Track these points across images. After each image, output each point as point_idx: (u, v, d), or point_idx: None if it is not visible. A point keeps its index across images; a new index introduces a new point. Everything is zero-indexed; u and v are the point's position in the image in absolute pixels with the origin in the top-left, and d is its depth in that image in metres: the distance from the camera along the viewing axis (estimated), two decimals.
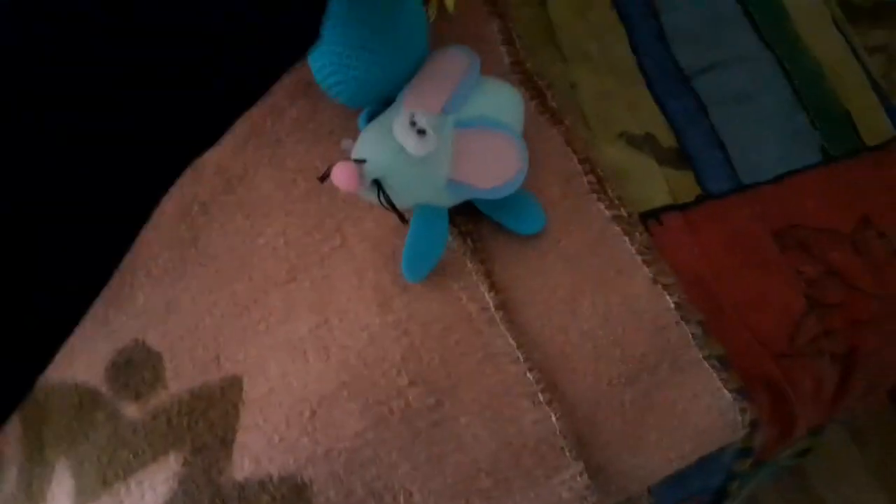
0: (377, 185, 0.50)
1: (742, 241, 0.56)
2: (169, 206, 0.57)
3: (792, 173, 0.57)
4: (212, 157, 0.58)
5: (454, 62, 0.52)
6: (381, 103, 0.54)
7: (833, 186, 0.57)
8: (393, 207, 0.49)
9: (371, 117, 0.54)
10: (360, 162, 0.49)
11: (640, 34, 0.61)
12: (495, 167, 0.51)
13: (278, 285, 0.55)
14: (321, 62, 0.52)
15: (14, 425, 0.56)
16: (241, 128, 0.58)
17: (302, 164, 0.58)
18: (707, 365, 0.54)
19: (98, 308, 0.56)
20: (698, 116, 0.59)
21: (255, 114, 0.58)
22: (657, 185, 0.58)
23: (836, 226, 0.56)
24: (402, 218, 0.50)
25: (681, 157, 0.59)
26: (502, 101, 0.53)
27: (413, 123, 0.48)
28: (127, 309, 0.56)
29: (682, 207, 0.58)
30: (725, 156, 0.58)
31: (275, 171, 0.58)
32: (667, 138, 0.59)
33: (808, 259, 0.56)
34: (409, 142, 0.48)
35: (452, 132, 0.50)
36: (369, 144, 0.50)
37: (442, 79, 0.51)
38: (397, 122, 0.49)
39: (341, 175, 0.48)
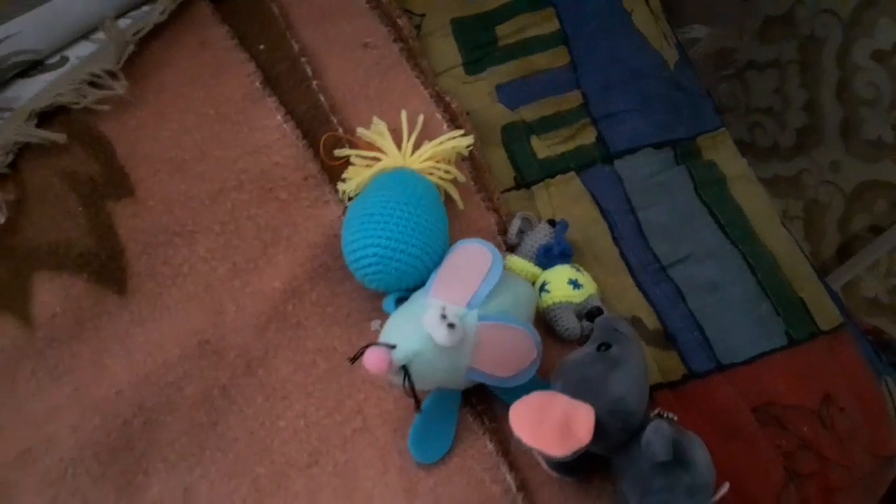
0: (404, 369, 0.53)
1: (726, 418, 0.62)
2: (189, 389, 0.58)
3: (763, 355, 0.65)
4: (234, 341, 0.60)
5: (477, 257, 0.57)
6: (409, 290, 0.58)
7: (798, 367, 0.65)
8: (413, 392, 0.52)
9: (398, 302, 0.58)
10: (391, 347, 0.52)
11: (620, 228, 0.70)
12: (512, 358, 0.56)
13: (301, 470, 0.56)
14: (364, 253, 0.57)
15: None
16: (262, 311, 0.61)
17: (321, 346, 0.61)
18: None
19: (108, 498, 0.55)
20: (677, 302, 0.67)
21: (276, 297, 0.61)
22: (648, 365, 0.64)
23: (804, 403, 0.63)
24: (418, 404, 0.53)
25: (665, 339, 0.65)
26: (520, 295, 0.58)
27: (444, 316, 0.53)
28: (140, 499, 0.55)
29: (670, 385, 0.63)
30: (705, 338, 0.65)
31: (294, 353, 0.60)
32: (651, 321, 0.66)
33: (783, 433, 0.62)
34: (440, 333, 0.52)
35: (476, 325, 0.54)
36: (399, 331, 0.54)
37: (467, 273, 0.56)
38: (428, 314, 0.53)
39: (373, 358, 0.51)
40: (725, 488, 0.52)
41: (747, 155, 1.58)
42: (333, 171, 0.65)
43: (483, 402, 0.59)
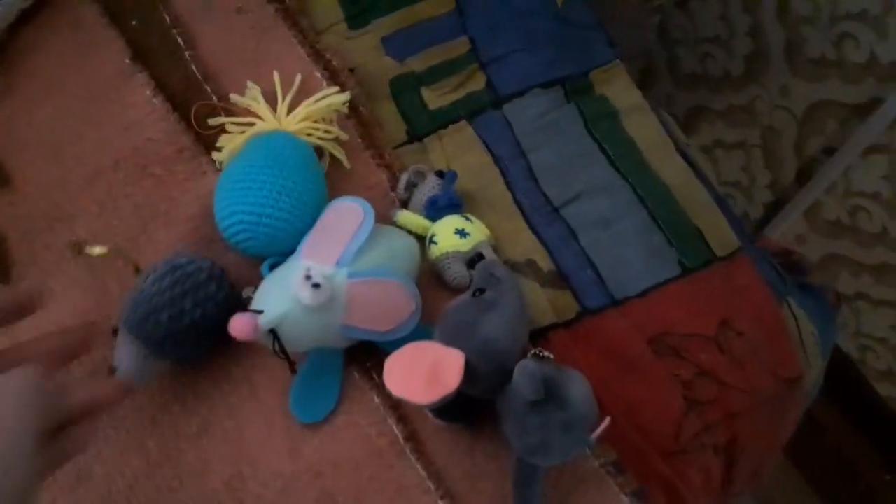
0: (273, 333, 0.53)
1: (621, 351, 0.62)
2: (77, 371, 0.58)
3: (656, 287, 0.64)
4: None
5: (349, 215, 0.56)
6: (285, 254, 0.58)
7: (693, 295, 0.64)
8: (285, 355, 0.53)
9: (272, 267, 0.57)
10: (258, 312, 0.53)
11: (512, 173, 0.69)
12: (388, 312, 0.55)
13: (190, 439, 0.57)
14: (231, 221, 0.56)
15: None
16: None
17: None
18: (604, 472, 0.58)
19: None
20: (570, 241, 0.66)
21: None
22: (542, 306, 0.64)
23: (700, 330, 0.63)
24: (292, 366, 0.54)
25: (559, 279, 0.65)
26: (396, 249, 0.58)
27: (308, 277, 0.53)
28: None
29: (565, 325, 0.63)
30: (597, 275, 0.65)
31: None
32: (545, 262, 0.66)
33: (680, 362, 0.62)
34: (304, 294, 0.52)
35: (346, 283, 0.54)
36: (267, 296, 0.54)
37: (337, 232, 0.56)
38: (293, 276, 0.53)
39: (238, 325, 0.51)
40: (606, 423, 0.52)
41: (701, 87, 1.56)
42: (210, 141, 0.64)
43: (371, 358, 0.59)
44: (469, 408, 0.56)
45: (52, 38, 0.68)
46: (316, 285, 0.52)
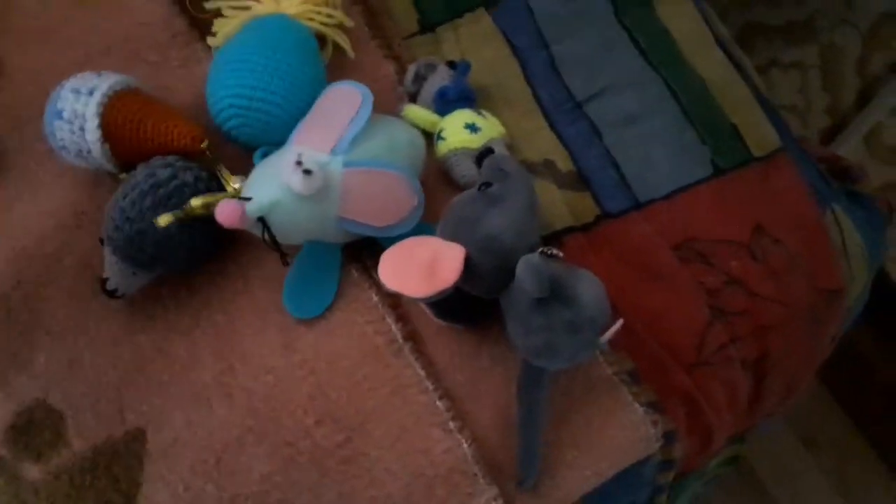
0: (262, 221, 0.50)
1: (643, 257, 0.57)
2: (68, 260, 0.56)
3: (685, 188, 0.59)
4: None
5: (346, 100, 0.52)
6: (281, 143, 0.54)
7: (726, 198, 0.59)
8: (275, 245, 0.50)
9: (266, 156, 0.54)
10: (246, 199, 0.49)
11: (532, 66, 0.63)
12: (387, 206, 0.52)
13: (182, 333, 0.55)
14: (222, 105, 0.53)
15: None
16: None
17: None
18: (618, 380, 0.54)
19: None
20: (593, 140, 0.61)
21: None
22: (558, 208, 0.59)
23: (732, 236, 0.58)
24: (283, 258, 0.51)
25: (579, 180, 0.60)
26: (397, 140, 0.54)
27: (299, 163, 0.49)
28: (27, 369, 0.55)
29: (583, 228, 0.59)
30: (620, 176, 0.59)
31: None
32: (565, 163, 0.61)
33: (708, 270, 0.57)
34: (294, 181, 0.49)
35: (342, 172, 0.50)
36: (256, 183, 0.51)
37: (332, 118, 0.52)
38: (284, 161, 0.50)
39: (224, 212, 0.49)
40: (618, 325, 0.48)
41: (757, 2, 1.44)
42: (205, 25, 0.60)
43: (371, 256, 0.56)
44: (472, 308, 0.53)
45: None
46: (307, 171, 0.49)
